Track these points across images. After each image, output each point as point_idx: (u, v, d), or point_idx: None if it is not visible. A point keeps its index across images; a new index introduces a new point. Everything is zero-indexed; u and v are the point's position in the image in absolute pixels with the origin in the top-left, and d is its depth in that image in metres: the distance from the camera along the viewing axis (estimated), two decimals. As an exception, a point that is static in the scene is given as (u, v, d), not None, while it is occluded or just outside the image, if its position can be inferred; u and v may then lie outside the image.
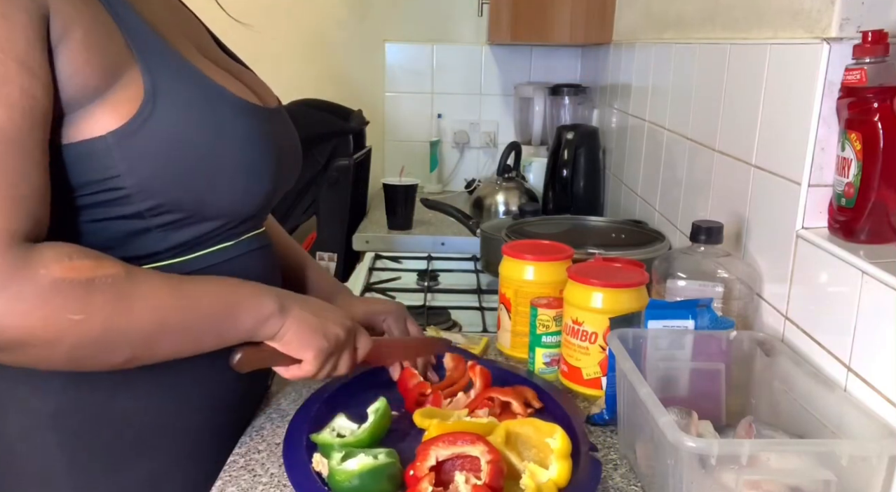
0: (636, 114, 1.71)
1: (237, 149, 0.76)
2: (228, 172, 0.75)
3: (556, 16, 1.98)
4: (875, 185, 0.77)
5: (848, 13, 0.82)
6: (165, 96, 0.70)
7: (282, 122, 0.86)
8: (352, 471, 0.72)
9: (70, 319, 0.62)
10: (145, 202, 0.71)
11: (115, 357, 0.68)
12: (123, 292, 0.66)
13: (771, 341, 0.88)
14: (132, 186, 0.70)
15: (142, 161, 0.69)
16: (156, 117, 0.69)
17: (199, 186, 0.74)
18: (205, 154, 0.73)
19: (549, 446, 0.77)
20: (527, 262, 1.09)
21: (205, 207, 0.75)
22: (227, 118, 0.75)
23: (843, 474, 0.66)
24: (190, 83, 0.73)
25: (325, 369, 0.82)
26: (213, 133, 0.74)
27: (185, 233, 0.76)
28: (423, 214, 2.07)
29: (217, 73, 0.78)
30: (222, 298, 0.74)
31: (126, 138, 0.68)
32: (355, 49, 2.58)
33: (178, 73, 0.73)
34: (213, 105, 0.74)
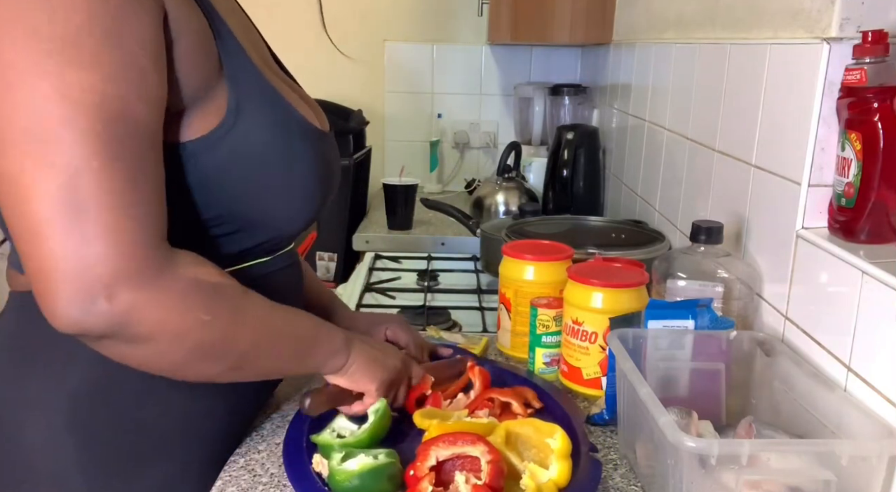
0: (636, 114, 1.71)
1: (301, 172, 0.77)
2: (289, 192, 0.77)
3: (556, 16, 1.98)
4: (875, 185, 0.78)
5: (848, 13, 0.82)
6: (245, 114, 0.71)
7: (333, 146, 0.88)
8: (352, 471, 0.72)
9: (200, 319, 0.65)
10: (208, 212, 0.73)
11: (215, 367, 0.70)
12: (240, 304, 0.69)
13: (771, 341, 0.88)
14: (199, 195, 0.71)
15: (211, 174, 0.71)
16: (234, 134, 0.71)
17: (260, 204, 0.75)
18: (270, 174, 0.74)
19: (549, 447, 0.77)
20: (527, 262, 1.09)
21: (259, 222, 0.77)
22: (296, 141, 0.76)
23: (843, 474, 0.66)
24: (268, 103, 0.74)
25: (388, 399, 0.85)
26: (283, 155, 0.75)
27: (233, 244, 0.77)
28: (423, 214, 2.07)
29: (289, 93, 0.79)
30: (308, 326, 0.78)
31: (201, 151, 0.69)
32: (355, 49, 2.58)
33: (260, 92, 0.74)
34: (286, 128, 0.76)
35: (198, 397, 0.79)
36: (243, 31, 0.78)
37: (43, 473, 0.75)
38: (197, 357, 0.67)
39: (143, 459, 0.77)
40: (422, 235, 2.04)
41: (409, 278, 1.65)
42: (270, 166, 0.74)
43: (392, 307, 1.46)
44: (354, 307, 1.45)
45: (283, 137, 0.75)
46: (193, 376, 0.71)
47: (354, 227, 2.12)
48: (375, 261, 1.78)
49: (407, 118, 2.61)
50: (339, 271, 2.09)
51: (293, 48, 2.55)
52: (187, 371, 0.69)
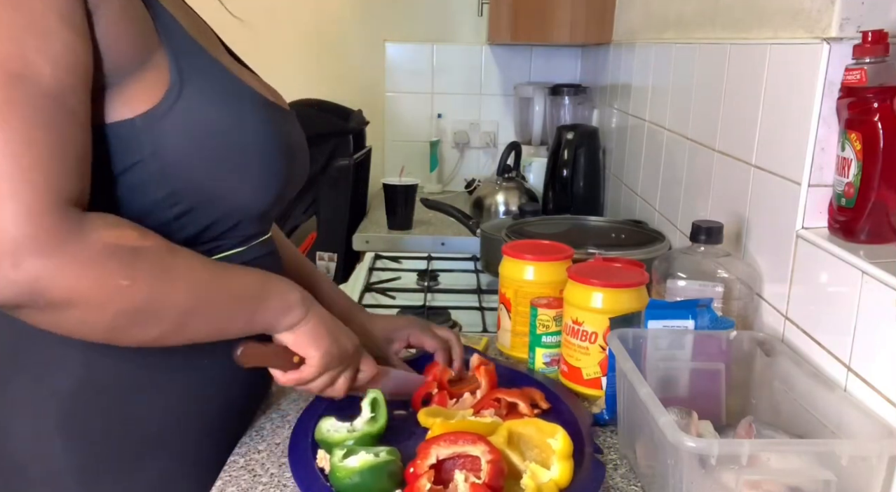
0: (636, 114, 1.71)
1: (257, 142, 0.76)
2: (246, 164, 0.75)
3: (556, 16, 1.98)
4: (875, 185, 0.78)
5: (848, 13, 0.82)
6: (191, 84, 0.71)
7: (293, 124, 0.87)
8: (353, 468, 0.72)
9: (118, 284, 0.63)
10: (164, 188, 0.71)
11: (150, 331, 0.68)
12: (166, 264, 0.67)
13: (771, 341, 0.88)
14: (155, 171, 0.70)
15: (166, 146, 0.69)
16: (182, 104, 0.70)
17: (217, 176, 0.74)
18: (226, 144, 0.73)
19: (550, 447, 0.78)
20: (527, 262, 1.09)
21: (219, 198, 0.75)
22: (245, 110, 0.75)
23: (843, 474, 0.66)
24: (214, 74, 0.74)
25: (323, 378, 0.81)
26: (236, 124, 0.74)
27: (197, 226, 0.75)
28: (423, 214, 2.07)
29: (237, 68, 0.79)
30: (254, 282, 0.75)
31: (155, 122, 0.68)
32: (355, 49, 2.58)
33: (202, 63, 0.73)
34: (234, 97, 0.75)
35: (186, 394, 0.78)
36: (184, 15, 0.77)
37: (33, 475, 0.75)
38: (126, 322, 0.66)
39: (132, 457, 0.77)
40: (422, 235, 2.04)
41: (409, 278, 1.65)
42: (221, 135, 0.73)
43: (392, 307, 1.46)
44: (354, 307, 1.45)
45: (233, 106, 0.74)
46: (131, 341, 0.69)
47: (354, 227, 2.12)
48: (375, 261, 1.78)
49: (407, 118, 2.61)
50: (339, 271, 2.09)
51: (293, 48, 2.56)
52: (121, 336, 0.68)
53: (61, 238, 0.59)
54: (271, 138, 0.77)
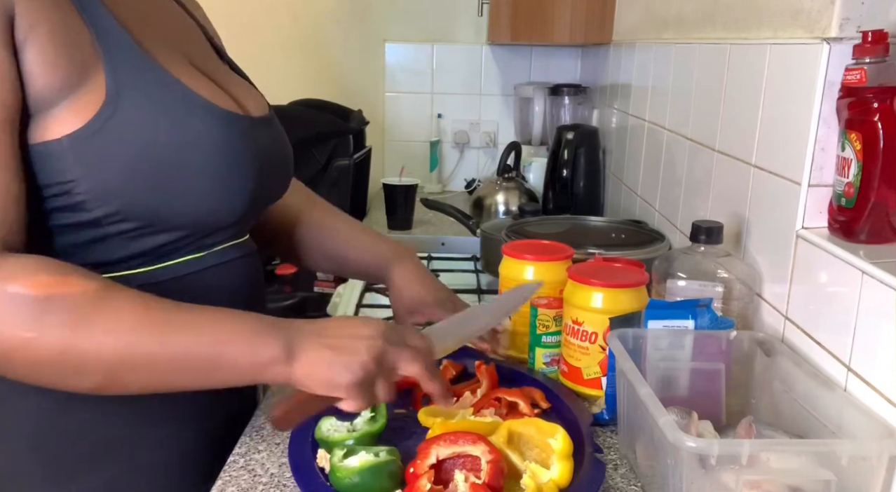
0: (636, 114, 1.71)
1: (204, 157, 0.72)
2: (193, 181, 0.72)
3: (556, 16, 1.98)
4: (875, 185, 0.78)
5: (848, 13, 0.82)
6: (127, 99, 0.68)
7: (266, 131, 0.83)
8: (353, 468, 0.72)
9: (21, 337, 0.60)
10: (101, 209, 0.69)
11: (82, 382, 0.64)
12: (83, 315, 0.62)
13: (771, 341, 0.88)
14: (87, 191, 0.68)
15: (98, 166, 0.67)
16: (116, 120, 0.67)
17: (159, 195, 0.70)
18: (166, 161, 0.70)
19: (550, 447, 0.78)
20: (527, 262, 1.09)
21: (165, 216, 0.72)
22: (195, 125, 0.72)
23: (843, 474, 0.66)
24: (156, 86, 0.71)
25: (366, 400, 0.71)
26: (177, 139, 0.71)
27: (146, 242, 0.73)
28: (423, 214, 2.07)
29: (194, 77, 0.75)
30: (211, 335, 0.66)
31: (82, 142, 0.66)
32: (355, 49, 2.58)
33: (145, 74, 0.70)
34: (180, 110, 0.72)
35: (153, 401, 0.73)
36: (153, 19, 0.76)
37: None
38: (44, 374, 0.63)
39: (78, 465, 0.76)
40: (422, 235, 2.04)
41: (409, 278, 1.65)
42: (163, 151, 0.69)
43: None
44: (354, 308, 1.45)
45: (177, 120, 0.71)
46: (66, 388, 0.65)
47: (354, 227, 2.12)
48: (375, 261, 1.78)
49: (407, 118, 2.61)
50: (338, 271, 2.08)
51: (293, 48, 2.56)
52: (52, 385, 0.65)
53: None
54: (225, 152, 0.74)
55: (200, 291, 0.74)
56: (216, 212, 0.75)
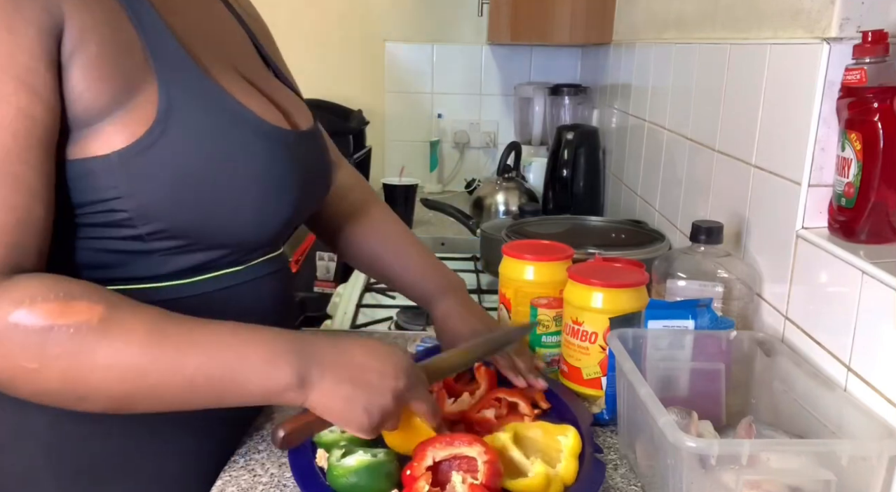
0: (636, 114, 1.71)
1: (251, 177, 0.71)
2: (239, 200, 0.71)
3: (556, 16, 1.98)
4: (875, 185, 0.77)
5: (848, 13, 0.82)
6: (179, 116, 0.67)
7: (312, 145, 0.82)
8: (349, 467, 0.72)
9: (24, 367, 0.59)
10: (146, 226, 0.68)
11: (88, 407, 0.63)
12: (86, 345, 0.60)
13: (771, 341, 0.88)
14: (133, 209, 0.67)
15: (145, 184, 0.66)
16: (166, 139, 0.66)
17: (204, 213, 0.70)
18: (214, 181, 0.69)
19: (556, 448, 0.79)
20: (527, 262, 1.09)
21: (210, 234, 0.72)
22: (244, 143, 0.71)
23: (843, 474, 0.66)
24: (208, 103, 0.69)
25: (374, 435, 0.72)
26: (227, 159, 0.70)
27: (188, 259, 0.72)
28: (423, 214, 2.07)
29: (245, 92, 0.74)
30: (222, 359, 0.64)
31: (132, 158, 0.65)
32: (355, 49, 2.58)
33: (198, 90, 0.69)
34: (231, 128, 0.70)
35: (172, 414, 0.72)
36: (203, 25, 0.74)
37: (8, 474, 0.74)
38: (52, 401, 0.62)
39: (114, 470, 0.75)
40: (422, 235, 2.04)
41: (409, 278, 1.65)
42: (213, 171, 0.68)
43: (392, 307, 1.46)
44: (354, 308, 1.45)
45: (225, 137, 0.70)
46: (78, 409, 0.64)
47: (354, 227, 2.12)
48: (375, 261, 1.78)
49: (407, 118, 2.61)
50: (339, 271, 2.08)
51: (293, 49, 2.55)
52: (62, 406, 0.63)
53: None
54: (272, 170, 0.73)
55: (235, 305, 0.73)
56: (259, 230, 0.75)
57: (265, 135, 0.73)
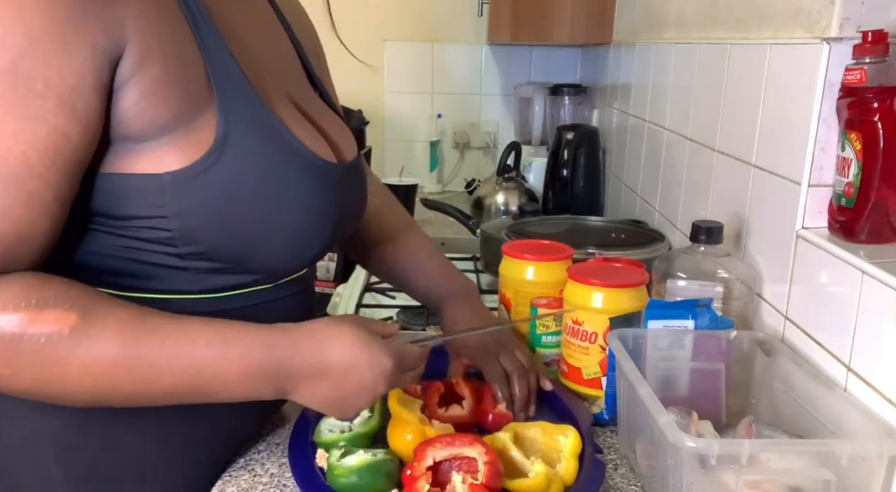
0: (636, 114, 1.71)
1: (296, 210, 0.71)
2: (281, 231, 0.71)
3: (556, 16, 1.98)
4: (875, 185, 0.78)
5: (848, 13, 0.82)
6: (236, 145, 0.66)
7: (355, 177, 0.82)
8: (350, 467, 0.72)
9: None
10: (186, 247, 0.68)
11: (68, 404, 0.65)
12: (57, 356, 0.60)
13: (771, 341, 0.88)
14: (177, 229, 0.67)
15: (193, 207, 0.66)
16: (219, 166, 0.66)
17: (244, 241, 0.70)
18: (261, 211, 0.69)
19: (555, 448, 0.79)
20: (527, 262, 1.09)
21: (246, 261, 0.72)
22: (295, 176, 0.71)
23: (843, 475, 0.66)
24: (264, 134, 0.69)
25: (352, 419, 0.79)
26: (275, 191, 0.70)
27: (221, 280, 0.73)
28: (423, 214, 2.07)
29: (296, 122, 0.74)
30: (197, 374, 0.65)
31: (184, 182, 0.65)
32: (355, 49, 2.57)
33: (255, 119, 0.69)
34: (284, 161, 0.70)
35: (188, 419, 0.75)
36: (255, 52, 0.73)
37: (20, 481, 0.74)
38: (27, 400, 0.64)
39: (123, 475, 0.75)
40: (422, 235, 2.04)
41: (409, 278, 1.65)
42: (257, 202, 0.69)
43: (392, 307, 1.46)
44: (354, 308, 1.45)
45: (277, 171, 0.70)
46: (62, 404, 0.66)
47: (354, 227, 2.12)
48: (375, 261, 1.78)
49: (407, 118, 2.61)
50: (339, 271, 2.08)
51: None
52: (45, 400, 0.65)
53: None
54: (314, 205, 0.73)
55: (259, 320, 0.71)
56: (294, 259, 0.76)
57: (315, 169, 0.73)
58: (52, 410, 0.69)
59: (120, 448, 0.75)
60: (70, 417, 0.71)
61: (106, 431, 0.74)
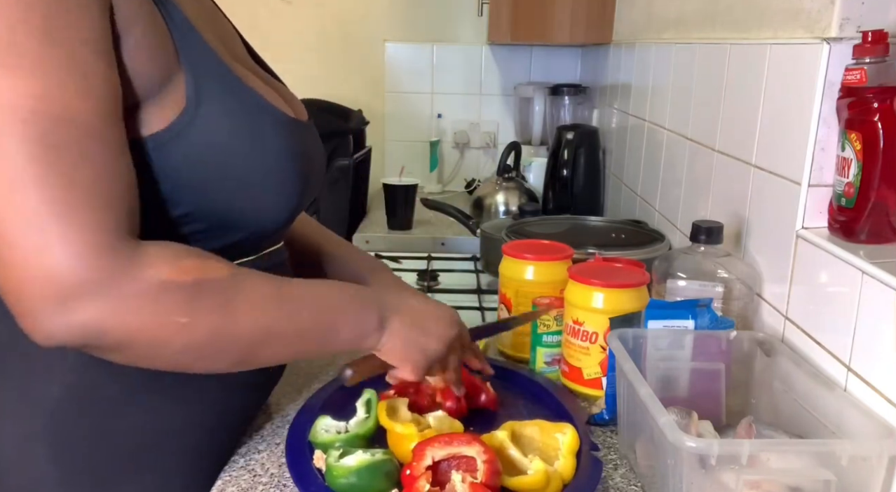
0: (636, 114, 1.71)
1: (271, 162, 0.74)
2: (259, 184, 0.73)
3: (556, 16, 1.98)
4: (875, 185, 0.78)
5: (848, 13, 0.82)
6: (207, 104, 0.69)
7: (312, 137, 0.84)
8: (349, 467, 0.72)
9: (177, 323, 0.61)
10: (177, 209, 0.70)
11: (220, 362, 0.68)
12: (229, 297, 0.65)
13: (771, 341, 0.88)
14: (166, 191, 0.68)
15: (177, 167, 0.68)
16: (196, 125, 0.68)
17: (225, 198, 0.72)
18: (239, 165, 0.71)
19: (553, 447, 0.79)
20: (527, 262, 1.09)
21: (231, 219, 0.73)
22: (264, 130, 0.73)
23: (842, 475, 0.66)
24: (230, 91, 0.71)
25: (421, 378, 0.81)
26: (250, 145, 0.72)
27: (210, 244, 0.73)
28: (423, 214, 2.07)
29: (257, 83, 0.76)
30: (327, 308, 0.73)
31: (163, 144, 0.67)
32: (355, 49, 2.58)
33: (221, 79, 0.71)
34: (253, 116, 0.73)
35: (173, 405, 0.76)
36: (205, 21, 0.75)
37: (13, 481, 0.73)
38: (190, 358, 0.65)
39: (118, 470, 0.75)
40: (422, 235, 2.04)
41: (409, 278, 1.65)
42: (237, 156, 0.71)
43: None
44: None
45: (250, 124, 0.72)
46: (199, 371, 0.68)
47: (354, 227, 2.12)
48: (375, 261, 1.78)
49: (407, 118, 2.61)
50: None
51: (293, 48, 2.56)
52: (189, 369, 0.67)
53: (114, 278, 0.58)
54: (289, 159, 0.75)
55: None
56: (273, 214, 0.77)
57: (283, 124, 0.75)
58: (41, 412, 0.69)
59: (113, 445, 0.75)
60: (60, 416, 0.72)
61: (98, 427, 0.74)
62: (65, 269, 0.56)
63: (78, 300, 0.57)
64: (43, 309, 0.56)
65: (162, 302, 0.60)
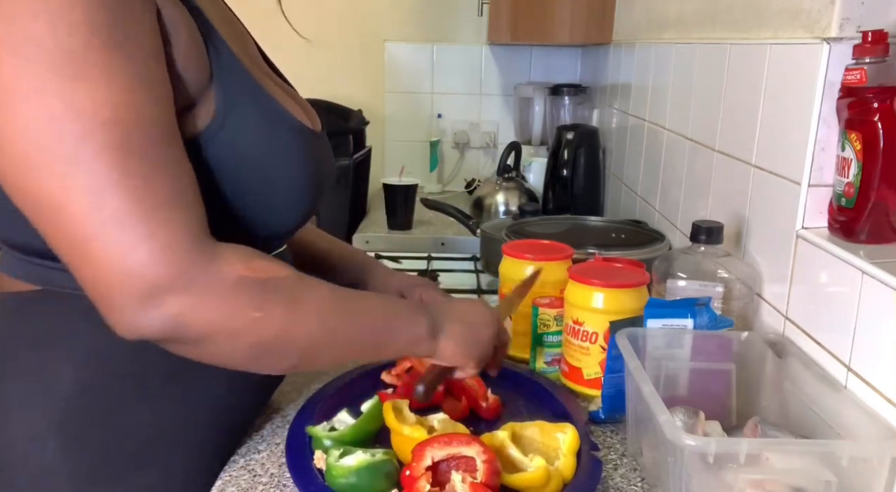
0: (636, 114, 1.71)
1: (287, 174, 0.76)
2: (274, 190, 0.76)
3: (556, 16, 1.98)
4: (875, 185, 0.78)
5: (848, 13, 0.82)
6: (234, 113, 0.71)
7: (325, 146, 0.87)
8: (349, 467, 0.72)
9: (251, 316, 0.64)
10: None
11: (283, 361, 0.70)
12: (295, 296, 0.68)
13: (782, 343, 0.88)
14: None
15: (204, 174, 0.69)
16: (221, 136, 0.70)
17: (244, 205, 0.74)
18: (256, 176, 0.74)
19: (553, 447, 0.79)
20: (527, 261, 1.09)
21: (245, 225, 0.76)
22: (283, 141, 0.76)
23: (844, 475, 0.66)
24: (256, 102, 0.74)
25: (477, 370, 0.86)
26: (269, 156, 0.74)
27: None
28: (423, 214, 2.07)
29: (275, 90, 0.78)
30: (383, 314, 0.76)
31: (192, 151, 0.68)
32: (355, 49, 2.58)
33: (248, 91, 0.73)
34: (274, 127, 0.75)
35: (183, 401, 0.77)
36: (230, 31, 0.77)
37: (22, 474, 0.74)
38: (258, 354, 0.67)
39: (126, 464, 0.76)
40: (422, 235, 2.04)
41: (409, 278, 1.65)
42: (256, 164, 0.73)
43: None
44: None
45: (270, 137, 0.74)
46: (263, 369, 0.71)
47: (354, 227, 2.12)
48: (375, 261, 1.78)
49: (407, 118, 2.61)
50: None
51: (293, 48, 2.55)
52: (254, 367, 0.69)
53: (198, 273, 0.61)
54: (303, 169, 0.78)
55: None
56: (285, 220, 0.80)
57: (300, 133, 0.78)
58: (48, 407, 0.70)
59: (120, 440, 0.75)
60: (67, 412, 0.72)
61: (105, 423, 0.74)
62: (150, 266, 0.59)
63: (163, 296, 0.59)
64: (130, 304, 0.59)
65: (238, 296, 0.63)
